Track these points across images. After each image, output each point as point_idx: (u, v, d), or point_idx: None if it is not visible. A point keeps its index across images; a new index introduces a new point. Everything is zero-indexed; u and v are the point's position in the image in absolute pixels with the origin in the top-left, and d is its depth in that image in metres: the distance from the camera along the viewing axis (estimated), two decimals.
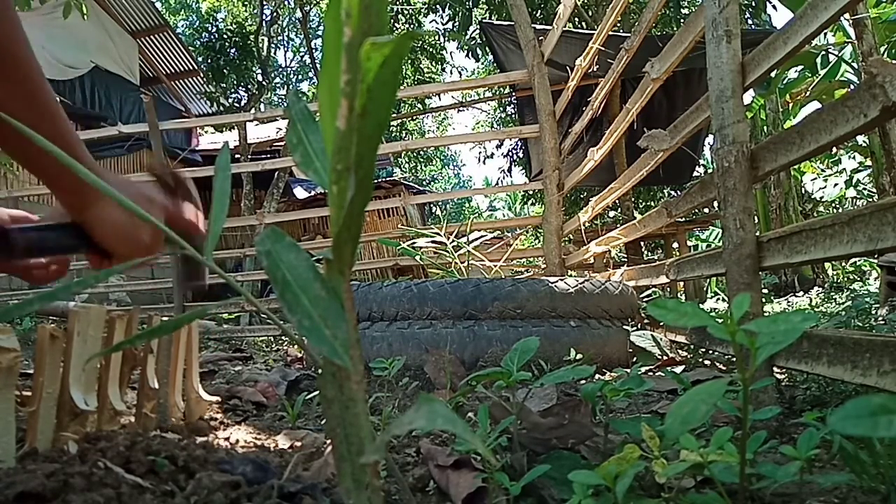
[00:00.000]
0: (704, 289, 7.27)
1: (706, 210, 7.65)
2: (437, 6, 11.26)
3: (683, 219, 4.98)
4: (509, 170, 14.17)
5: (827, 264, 8.53)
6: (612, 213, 9.66)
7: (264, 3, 13.59)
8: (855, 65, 6.83)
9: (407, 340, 1.97)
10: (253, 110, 13.42)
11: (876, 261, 4.53)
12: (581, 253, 3.69)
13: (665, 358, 2.01)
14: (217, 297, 8.29)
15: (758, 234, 1.36)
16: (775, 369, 1.39)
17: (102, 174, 0.69)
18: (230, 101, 15.32)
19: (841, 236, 1.04)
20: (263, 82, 14.88)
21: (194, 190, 0.81)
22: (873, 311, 2.83)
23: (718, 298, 7.41)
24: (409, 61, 13.28)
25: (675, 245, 7.42)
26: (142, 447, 0.79)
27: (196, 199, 0.81)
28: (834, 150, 8.53)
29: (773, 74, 4.07)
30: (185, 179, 0.81)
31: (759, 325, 0.59)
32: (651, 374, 1.84)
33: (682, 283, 6.12)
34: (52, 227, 0.71)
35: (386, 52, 0.30)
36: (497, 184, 15.04)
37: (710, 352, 1.90)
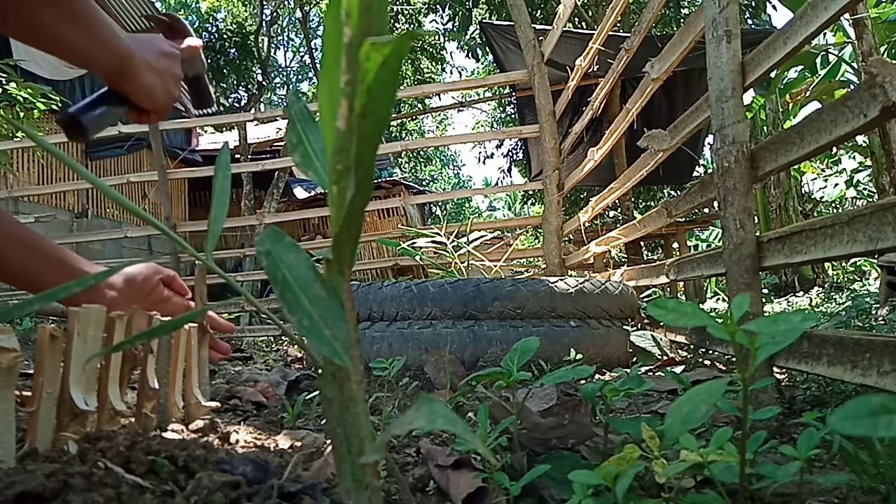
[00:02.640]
0: (704, 289, 7.27)
1: (706, 210, 7.66)
2: (437, 6, 11.27)
3: (683, 219, 4.98)
4: (509, 170, 14.18)
5: (827, 264, 8.53)
6: (612, 213, 9.66)
7: (264, 3, 13.59)
8: (855, 65, 6.83)
9: (407, 340, 1.97)
10: (253, 110, 13.41)
11: (876, 261, 4.53)
12: (581, 253, 3.69)
13: (665, 358, 2.01)
14: (217, 297, 8.29)
15: (758, 234, 1.36)
16: (775, 369, 1.39)
17: (132, 54, 0.84)
18: (230, 101, 15.32)
19: (841, 236, 1.04)
20: (263, 82, 14.88)
21: (188, 26, 1.01)
22: (873, 311, 2.83)
23: (718, 298, 7.41)
24: (409, 61, 13.28)
25: (675, 245, 7.42)
26: (142, 447, 0.79)
27: (189, 30, 1.01)
28: (834, 150, 8.53)
29: (773, 74, 4.07)
30: (178, 17, 1.01)
31: (759, 325, 0.59)
32: (651, 374, 1.84)
33: (682, 283, 6.12)
34: (102, 98, 0.85)
35: (386, 52, 0.30)
36: (497, 184, 15.06)
37: (710, 352, 1.90)
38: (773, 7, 8.54)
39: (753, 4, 8.95)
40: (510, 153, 13.76)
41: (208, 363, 1.34)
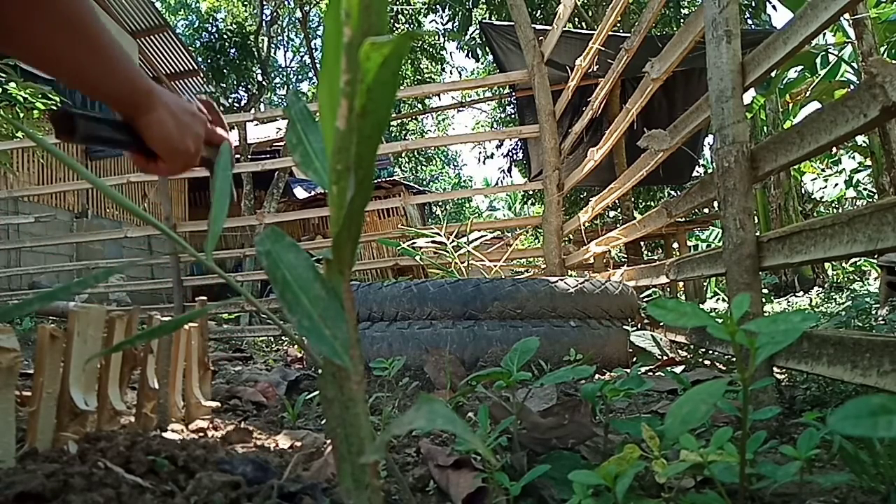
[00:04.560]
0: (704, 289, 7.26)
1: (706, 210, 7.66)
2: (437, 6, 11.26)
3: (683, 219, 4.98)
4: (509, 170, 14.17)
5: (827, 264, 8.53)
6: (612, 213, 9.66)
7: (264, 3, 13.59)
8: (855, 65, 6.83)
9: (407, 340, 1.97)
10: (253, 110, 13.42)
11: (876, 261, 4.53)
12: (581, 253, 3.69)
13: (665, 358, 2.01)
14: (217, 297, 8.28)
15: (758, 234, 1.36)
16: (775, 369, 1.39)
17: (153, 88, 0.80)
18: (230, 101, 15.32)
19: (841, 236, 1.04)
20: (263, 82, 14.88)
21: (223, 117, 0.93)
22: (873, 311, 2.82)
23: (718, 298, 7.41)
24: (409, 61, 13.28)
25: (675, 245, 7.42)
26: (142, 447, 0.79)
27: (224, 123, 0.93)
28: (834, 150, 8.53)
29: (773, 74, 4.07)
30: (215, 106, 0.93)
31: (759, 325, 0.59)
32: (651, 374, 1.84)
33: (682, 283, 6.12)
34: (112, 121, 0.80)
35: (386, 52, 0.30)
36: (497, 184, 15.05)
37: (710, 352, 1.90)
38: (773, 7, 8.54)
39: (753, 4, 8.95)
40: (510, 153, 13.75)
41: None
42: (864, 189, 9.29)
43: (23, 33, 0.68)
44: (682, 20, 8.90)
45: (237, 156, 8.00)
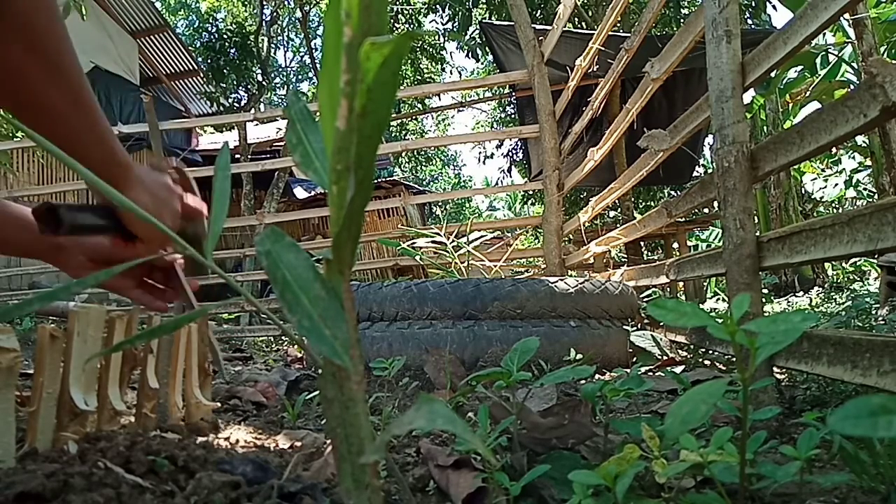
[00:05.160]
0: (704, 289, 7.26)
1: (706, 210, 7.66)
2: (437, 6, 11.26)
3: (683, 219, 4.98)
4: (509, 170, 14.18)
5: (827, 264, 8.53)
6: (612, 213, 9.66)
7: (264, 3, 13.59)
8: (855, 65, 6.83)
9: (407, 340, 1.97)
10: (253, 110, 13.42)
11: (876, 261, 4.53)
12: (581, 253, 3.69)
13: (665, 358, 2.01)
14: (217, 297, 8.28)
15: (758, 234, 1.36)
16: (775, 369, 1.39)
17: (131, 164, 0.77)
18: (230, 101, 15.31)
19: (841, 236, 1.04)
20: (263, 82, 14.88)
21: (193, 182, 0.90)
22: (873, 311, 2.82)
23: (718, 298, 7.41)
24: (409, 61, 13.28)
25: (675, 245, 7.42)
26: (142, 447, 0.79)
27: (195, 188, 0.90)
28: (834, 150, 8.53)
29: (773, 74, 4.08)
30: (185, 172, 0.90)
31: (759, 325, 0.59)
32: (651, 374, 1.84)
33: (682, 283, 6.12)
34: (92, 207, 0.77)
35: (386, 52, 0.30)
36: (497, 184, 15.05)
37: (710, 352, 1.90)
38: (773, 7, 8.54)
39: (753, 4, 8.95)
40: (510, 153, 13.76)
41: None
42: (864, 189, 9.29)
43: (1, 60, 0.65)
44: (682, 20, 8.90)
45: (237, 156, 7.99)
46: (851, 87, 6.39)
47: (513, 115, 12.03)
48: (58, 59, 0.69)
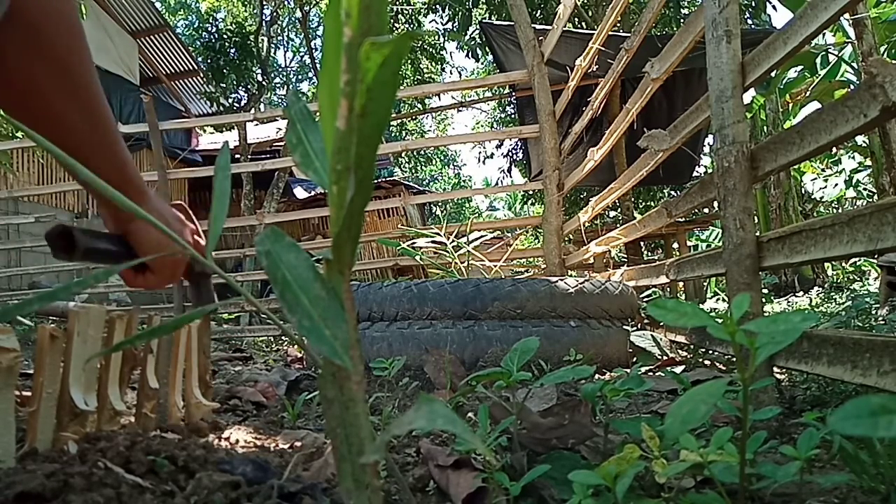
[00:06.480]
0: (704, 289, 7.26)
1: (706, 210, 7.65)
2: (437, 6, 11.26)
3: (683, 219, 4.98)
4: (509, 170, 14.18)
5: (827, 264, 8.53)
6: (612, 213, 9.66)
7: (264, 3, 13.59)
8: (855, 65, 6.83)
9: (407, 340, 1.97)
10: (253, 110, 13.42)
11: (876, 261, 4.53)
12: (581, 253, 3.69)
13: (665, 358, 2.01)
14: (217, 298, 8.27)
15: (758, 234, 1.36)
16: (775, 369, 1.39)
17: (146, 190, 0.77)
18: (230, 101, 15.31)
19: (841, 236, 1.04)
20: (263, 82, 14.88)
21: (195, 221, 0.90)
22: (873, 311, 2.82)
23: (718, 298, 7.41)
24: (409, 61, 13.28)
25: (675, 245, 7.42)
26: (142, 447, 0.79)
27: (197, 225, 0.90)
28: (834, 150, 8.53)
29: (773, 74, 4.07)
30: (185, 206, 0.90)
31: (758, 325, 0.59)
32: (651, 374, 1.84)
33: (682, 283, 6.12)
34: (107, 235, 0.77)
35: (386, 52, 0.30)
36: (497, 184, 15.05)
37: (710, 352, 1.90)
38: (773, 7, 8.54)
39: (753, 4, 8.95)
40: (510, 153, 13.76)
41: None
42: (864, 189, 9.29)
43: (16, 72, 0.64)
44: (682, 20, 8.90)
45: (237, 156, 7.99)
46: (851, 87, 6.40)
47: (513, 115, 12.03)
48: (73, 73, 0.68)
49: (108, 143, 0.72)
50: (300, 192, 11.31)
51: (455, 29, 11.20)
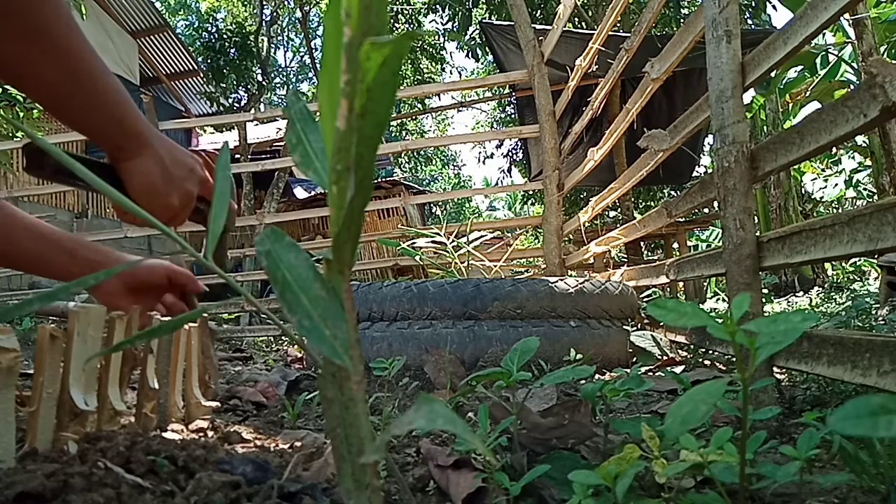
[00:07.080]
0: (704, 289, 7.27)
1: (706, 210, 7.66)
2: (437, 6, 11.26)
3: (683, 219, 4.98)
4: (509, 170, 14.18)
5: (827, 264, 8.53)
6: (612, 213, 9.67)
7: (264, 3, 13.59)
8: (855, 65, 6.83)
9: (407, 340, 1.97)
10: (253, 110, 13.42)
11: (876, 261, 4.53)
12: (581, 253, 3.69)
13: (665, 358, 2.01)
14: (217, 298, 8.28)
15: (758, 234, 1.36)
16: (775, 369, 1.39)
17: (145, 132, 0.74)
18: (230, 101, 15.31)
19: (841, 236, 1.04)
20: (263, 82, 14.88)
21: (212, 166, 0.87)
22: (873, 311, 2.82)
23: (718, 298, 7.41)
24: (409, 61, 13.28)
25: (675, 245, 7.42)
26: (142, 447, 0.79)
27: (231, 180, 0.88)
28: (834, 150, 8.53)
29: (773, 74, 4.07)
30: (205, 155, 0.87)
31: (759, 325, 0.59)
32: (651, 374, 1.84)
33: (682, 283, 6.12)
34: (92, 161, 0.74)
35: (386, 52, 0.30)
36: (497, 184, 15.06)
37: (710, 352, 1.90)
38: (773, 7, 8.54)
39: (753, 4, 8.95)
40: (510, 153, 13.77)
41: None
42: (864, 189, 9.29)
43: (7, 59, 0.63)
44: (682, 20, 8.90)
45: (237, 156, 7.99)
46: (851, 87, 6.40)
47: (513, 115, 12.04)
48: (45, 29, 0.66)
49: (101, 101, 0.71)
50: (300, 192, 11.31)
51: (455, 29, 11.20)
